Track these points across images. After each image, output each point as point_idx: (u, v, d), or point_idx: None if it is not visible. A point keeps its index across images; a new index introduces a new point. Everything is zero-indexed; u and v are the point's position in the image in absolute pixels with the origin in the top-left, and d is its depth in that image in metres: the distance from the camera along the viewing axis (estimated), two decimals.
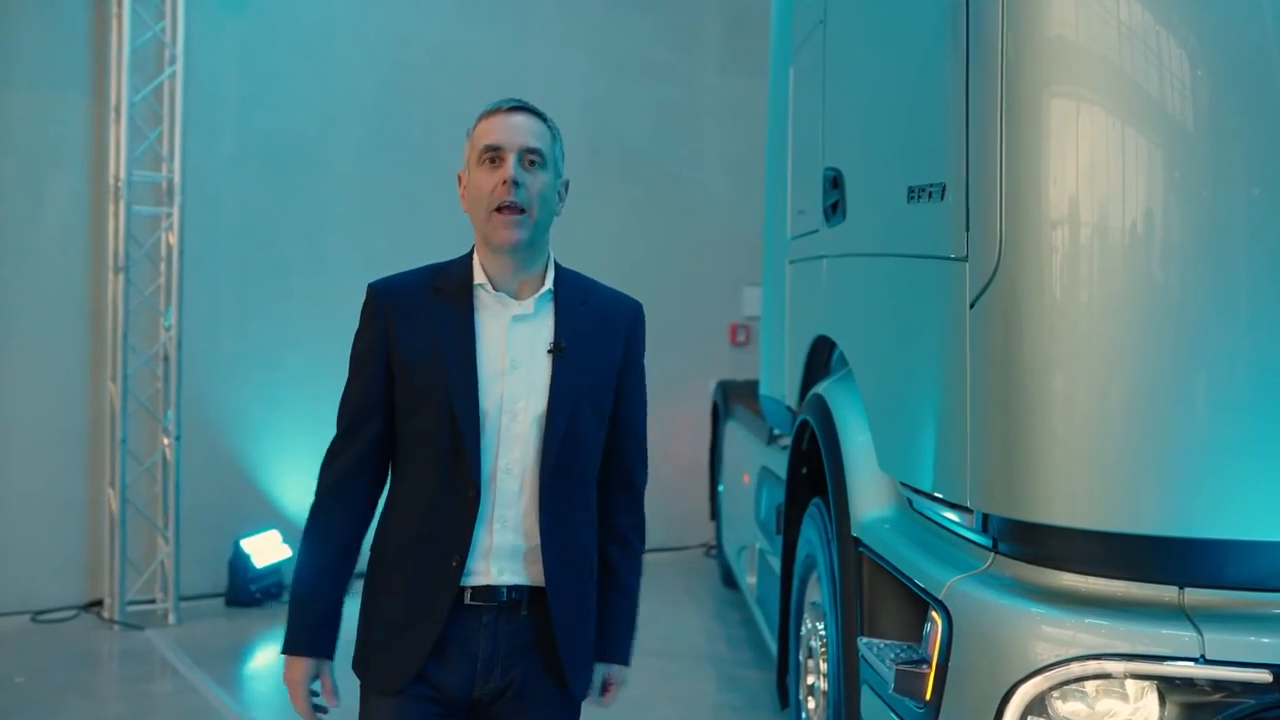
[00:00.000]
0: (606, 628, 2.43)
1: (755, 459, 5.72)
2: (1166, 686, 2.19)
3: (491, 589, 2.25)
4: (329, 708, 2.36)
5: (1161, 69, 2.27)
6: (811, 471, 3.84)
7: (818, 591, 3.57)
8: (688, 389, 8.51)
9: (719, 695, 5.49)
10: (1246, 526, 2.23)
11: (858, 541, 3.06)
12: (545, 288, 2.31)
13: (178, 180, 6.68)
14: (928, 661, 2.47)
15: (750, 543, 5.80)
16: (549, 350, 2.28)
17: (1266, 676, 2.14)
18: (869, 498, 3.10)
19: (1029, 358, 2.34)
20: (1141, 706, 2.21)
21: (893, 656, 2.65)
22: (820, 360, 3.94)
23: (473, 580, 2.24)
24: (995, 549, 2.48)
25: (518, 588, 2.26)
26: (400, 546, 2.29)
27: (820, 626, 3.56)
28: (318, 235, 7.36)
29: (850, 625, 3.01)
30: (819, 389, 3.59)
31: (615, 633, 2.46)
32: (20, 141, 6.53)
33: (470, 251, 2.34)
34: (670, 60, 8.62)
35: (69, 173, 6.65)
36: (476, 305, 2.28)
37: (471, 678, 2.26)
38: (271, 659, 6.04)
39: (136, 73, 6.59)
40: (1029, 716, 2.26)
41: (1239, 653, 2.16)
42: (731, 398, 7.08)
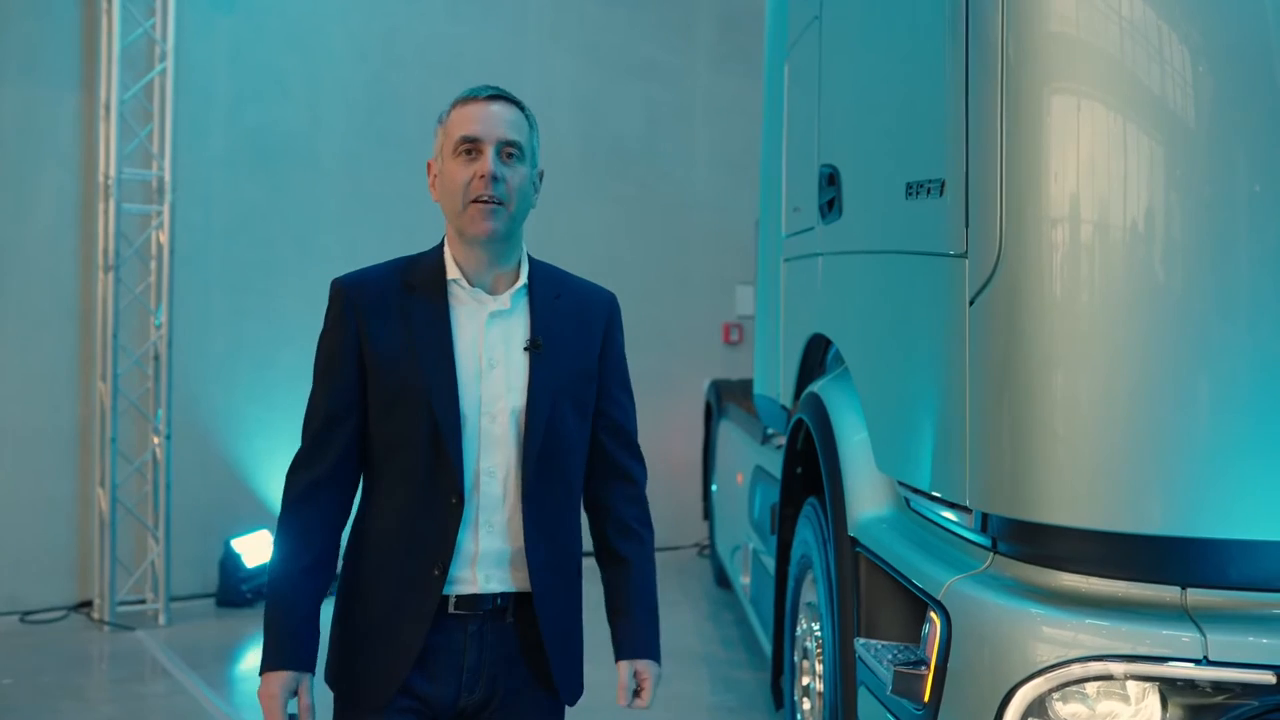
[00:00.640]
0: (629, 622, 2.32)
1: (749, 458, 5.70)
2: (1168, 688, 2.17)
3: (477, 597, 2.16)
4: None
5: (1162, 64, 2.25)
6: (806, 471, 3.81)
7: (813, 592, 3.54)
8: (680, 388, 8.49)
9: (713, 696, 5.46)
10: (1249, 526, 2.21)
11: (855, 541, 3.03)
12: (520, 282, 2.23)
13: (168, 178, 6.65)
14: (926, 663, 2.44)
15: (744, 542, 5.77)
16: (526, 348, 2.20)
17: (1270, 678, 2.11)
18: (866, 497, 3.07)
19: (1029, 355, 2.32)
20: (1143, 708, 2.18)
21: (890, 658, 2.63)
22: (815, 359, 3.92)
23: (459, 588, 2.15)
24: (995, 549, 2.46)
25: (504, 594, 2.18)
26: (379, 554, 2.19)
27: (816, 627, 3.54)
28: (309, 233, 7.31)
29: (847, 626, 2.99)
30: (814, 388, 3.57)
31: (639, 626, 2.33)
32: (9, 138, 6.49)
33: (440, 245, 2.25)
34: (662, 58, 8.60)
35: (58, 170, 6.61)
36: (452, 301, 2.19)
37: (457, 689, 2.18)
38: None
39: (127, 70, 6.56)
40: (1029, 718, 2.23)
41: (1242, 654, 2.13)
42: (725, 397, 7.06)
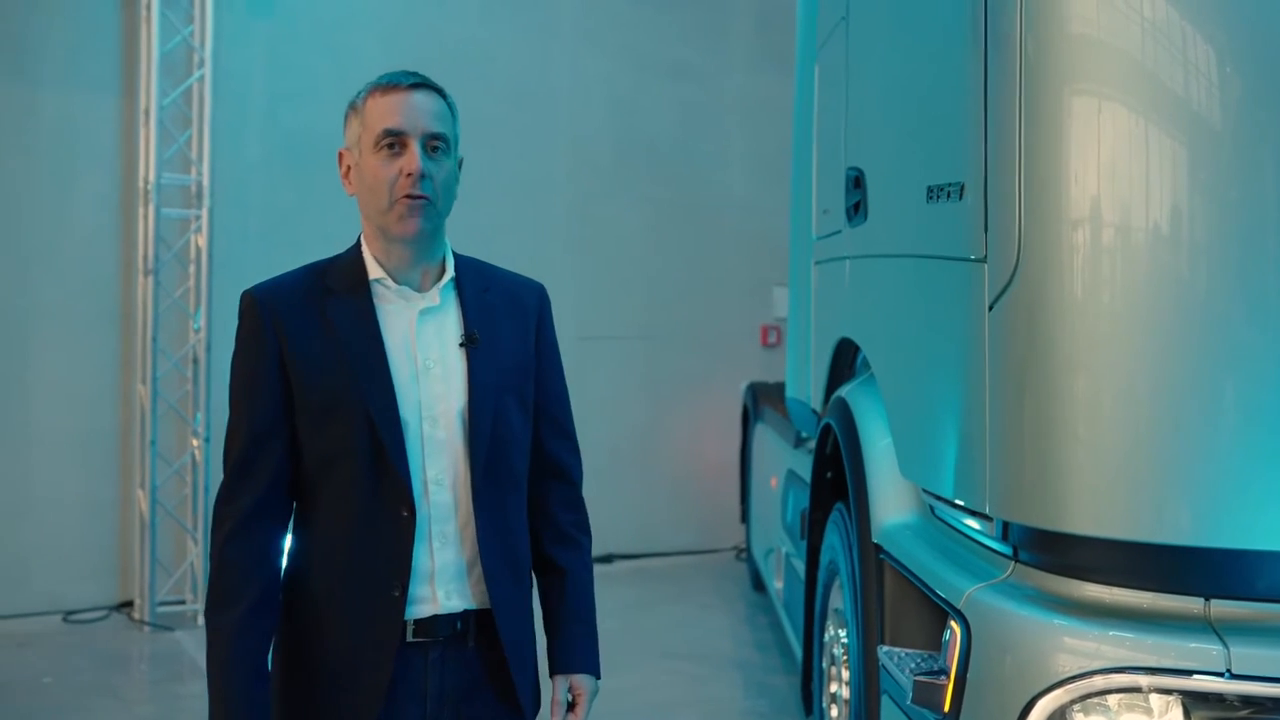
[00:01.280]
0: (565, 635, 2.17)
1: (782, 462, 5.67)
2: (1191, 701, 2.13)
3: (435, 622, 2.02)
4: None
5: (1185, 65, 2.20)
6: (836, 476, 3.79)
7: (840, 598, 3.52)
8: (717, 391, 8.47)
9: (745, 701, 5.44)
10: (1275, 537, 2.16)
11: (878, 548, 3.00)
12: (448, 276, 2.09)
13: (206, 183, 6.71)
14: (946, 672, 2.42)
15: (777, 546, 5.75)
16: (461, 344, 2.06)
17: None
18: (890, 503, 3.04)
19: (1048, 361, 2.28)
20: None
21: (912, 666, 2.60)
22: (845, 363, 3.89)
23: (418, 610, 2.01)
24: (1016, 558, 2.42)
25: (463, 616, 2.05)
26: (325, 582, 2.03)
27: (843, 634, 3.51)
28: (344, 235, 7.28)
29: (870, 633, 2.96)
30: (842, 392, 3.54)
31: (577, 639, 2.18)
32: (51, 144, 6.58)
33: (356, 244, 2.12)
34: (696, 59, 8.56)
35: (99, 175, 6.70)
36: (377, 302, 2.05)
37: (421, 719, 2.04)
38: None
39: (166, 76, 6.63)
40: None
41: (1266, 667, 2.09)
42: (761, 400, 7.02)
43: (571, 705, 2.15)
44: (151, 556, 6.57)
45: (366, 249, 2.10)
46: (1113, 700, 2.18)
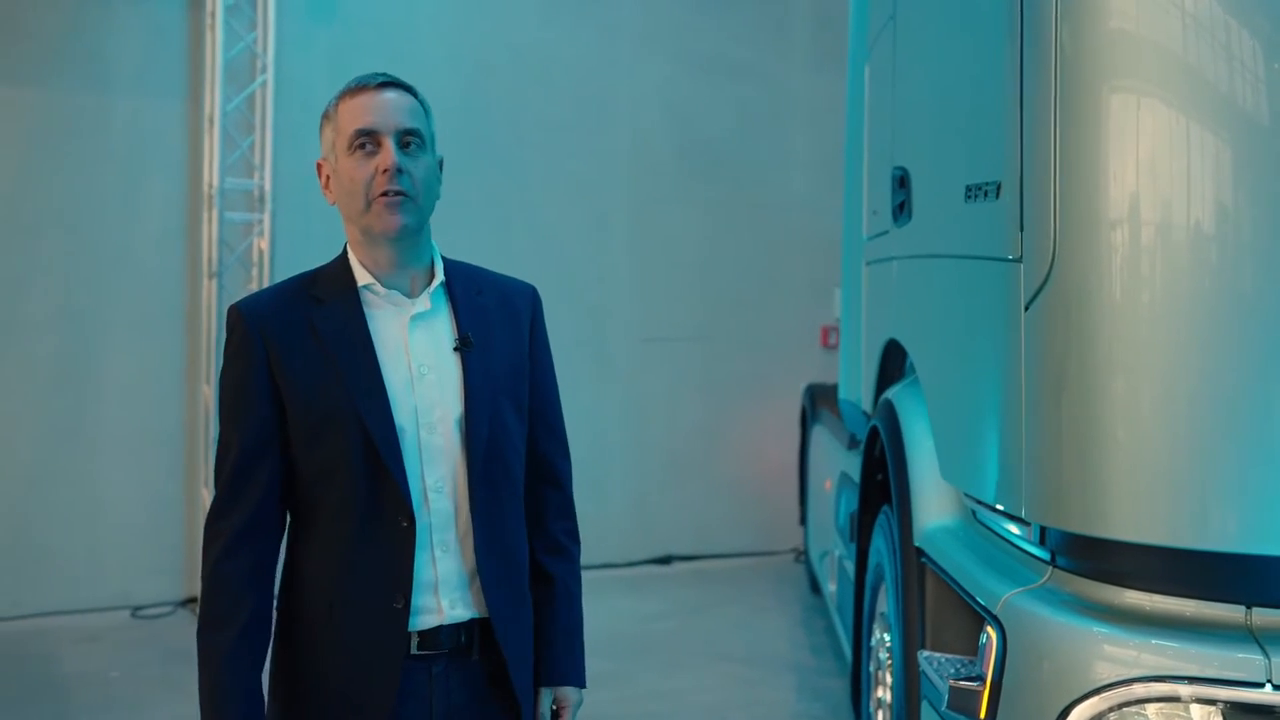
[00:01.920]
0: (552, 645, 2.14)
1: (836, 464, 5.63)
2: (1231, 711, 2.08)
3: (439, 633, 1.99)
4: None
5: (1226, 59, 2.15)
6: (884, 478, 3.75)
7: (886, 601, 3.48)
8: (777, 392, 8.41)
9: (798, 704, 5.40)
10: None
11: (920, 552, 2.97)
12: (438, 280, 2.06)
13: (268, 187, 6.82)
14: (982, 678, 2.38)
15: (831, 549, 5.71)
16: (455, 348, 2.03)
17: None
18: (933, 507, 3.01)
19: (1084, 362, 2.24)
20: None
21: (950, 672, 2.57)
22: (895, 364, 3.85)
23: (423, 621, 1.97)
24: (1053, 563, 2.38)
25: (468, 626, 2.01)
26: (324, 597, 1.98)
27: (888, 638, 3.48)
28: None
29: (911, 637, 2.93)
30: (889, 394, 3.51)
31: (564, 650, 2.16)
32: (120, 149, 6.73)
33: (343, 253, 2.09)
34: (755, 60, 8.52)
35: (165, 179, 6.83)
36: (367, 309, 2.02)
37: None
38: None
39: (229, 82, 6.74)
40: None
41: None
42: (819, 402, 6.98)
43: (556, 716, 2.14)
44: None
45: (352, 255, 2.07)
46: (1151, 709, 2.13)
